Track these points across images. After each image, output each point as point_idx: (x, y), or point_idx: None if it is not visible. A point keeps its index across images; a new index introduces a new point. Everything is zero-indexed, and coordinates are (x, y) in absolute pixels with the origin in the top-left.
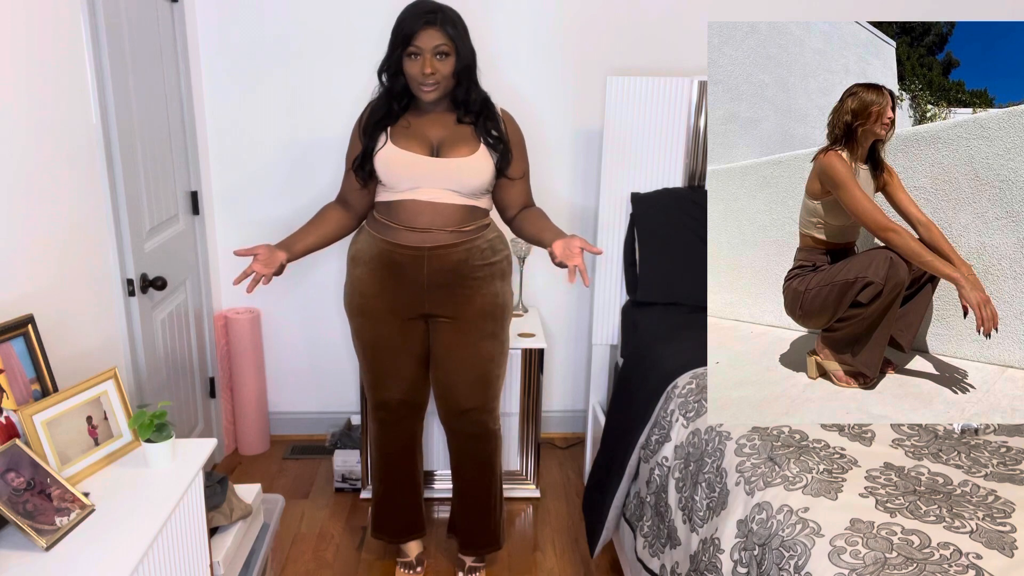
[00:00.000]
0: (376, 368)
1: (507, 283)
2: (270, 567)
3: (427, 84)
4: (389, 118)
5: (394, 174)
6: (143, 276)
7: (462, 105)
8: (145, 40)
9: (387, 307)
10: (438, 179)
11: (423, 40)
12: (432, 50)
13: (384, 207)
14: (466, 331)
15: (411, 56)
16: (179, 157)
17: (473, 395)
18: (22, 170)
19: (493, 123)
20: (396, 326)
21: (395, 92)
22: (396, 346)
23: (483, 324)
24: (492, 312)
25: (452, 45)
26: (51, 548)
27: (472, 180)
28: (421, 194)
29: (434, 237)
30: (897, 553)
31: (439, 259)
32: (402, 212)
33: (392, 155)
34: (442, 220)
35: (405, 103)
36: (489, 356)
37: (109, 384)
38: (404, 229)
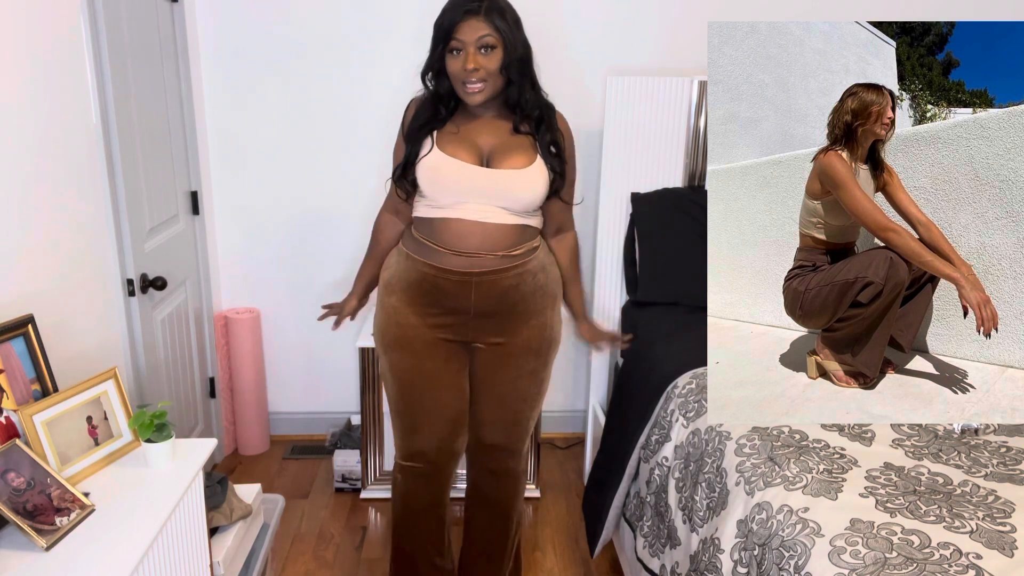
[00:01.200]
0: (414, 409)
1: (557, 311)
2: (270, 567)
3: (471, 82)
4: (435, 121)
5: (439, 184)
6: (143, 276)
7: (517, 109)
8: (145, 40)
9: (430, 337)
10: (487, 193)
11: (465, 32)
12: (475, 43)
13: (425, 225)
14: (506, 364)
15: (453, 52)
16: (179, 157)
17: (498, 433)
18: (22, 170)
19: (552, 135)
20: (440, 358)
21: (441, 95)
22: (439, 381)
23: (525, 359)
24: (538, 347)
25: (499, 37)
26: (51, 548)
27: (525, 195)
28: (468, 211)
29: (483, 262)
30: (897, 553)
31: (488, 286)
32: (447, 233)
33: (438, 162)
34: (491, 243)
35: (453, 107)
36: (525, 396)
37: (109, 384)
38: (449, 252)
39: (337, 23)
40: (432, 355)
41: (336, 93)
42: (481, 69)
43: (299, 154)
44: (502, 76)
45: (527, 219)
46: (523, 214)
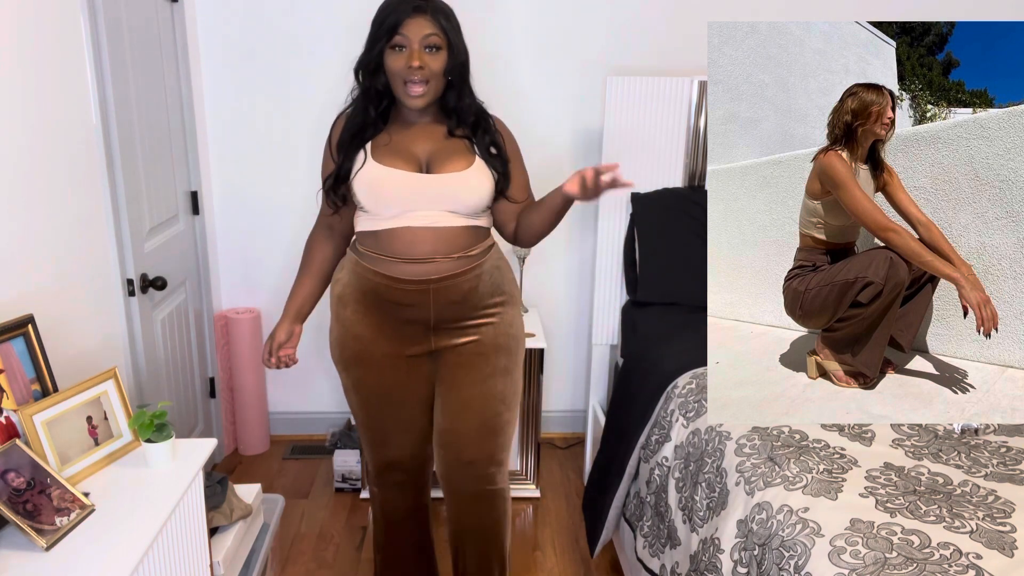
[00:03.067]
0: (382, 424)
1: (518, 309)
2: (270, 567)
3: (413, 81)
4: (366, 130)
5: (379, 197)
6: (143, 276)
7: (453, 114)
8: (145, 40)
9: (389, 350)
10: (433, 199)
11: (411, 29)
12: (421, 41)
13: (370, 238)
14: (475, 365)
15: (396, 49)
16: (179, 157)
17: (479, 443)
18: (22, 170)
19: (491, 136)
20: (402, 370)
21: (372, 93)
22: (403, 395)
23: (495, 358)
24: (507, 345)
25: (444, 38)
26: (51, 548)
27: (471, 197)
28: (416, 219)
29: (438, 267)
30: (897, 553)
31: (447, 292)
32: (396, 242)
33: (375, 175)
34: (445, 246)
35: (385, 107)
36: (500, 396)
37: (109, 384)
38: (401, 261)
39: (337, 23)
40: (394, 369)
41: (337, 93)
42: (425, 68)
43: (299, 154)
44: (444, 79)
45: (476, 220)
46: (472, 215)
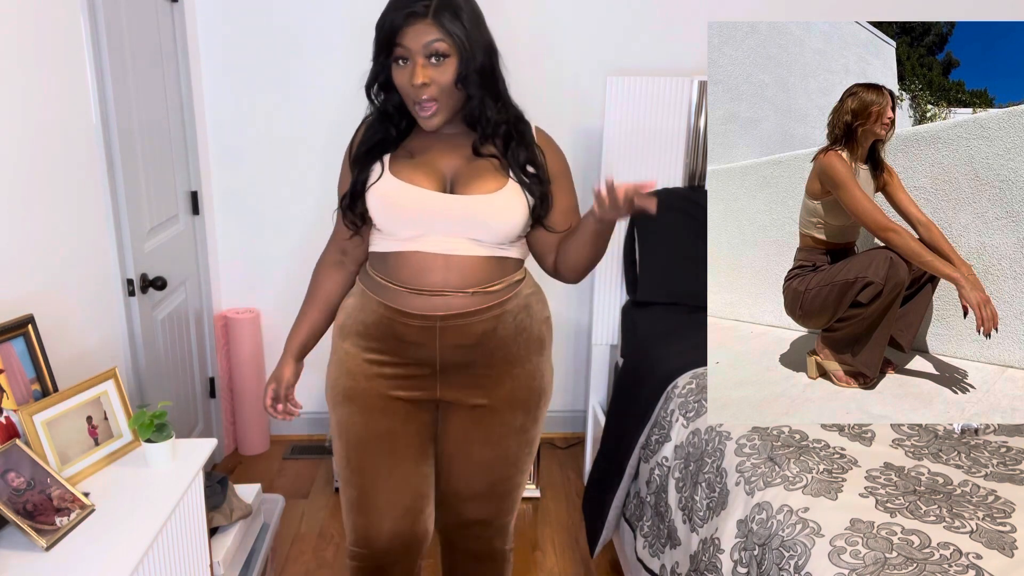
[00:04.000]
0: (364, 478)
1: (546, 356)
2: (270, 567)
3: (422, 101)
4: (385, 143)
5: (394, 214)
6: (143, 276)
7: (478, 126)
8: (145, 40)
9: (383, 394)
10: (453, 222)
11: (409, 38)
12: (423, 51)
13: (380, 260)
14: (488, 424)
15: (399, 62)
16: (179, 157)
17: (484, 506)
18: (22, 170)
19: (527, 152)
20: (398, 415)
21: (389, 112)
22: (395, 445)
23: (511, 416)
24: (526, 401)
25: (451, 43)
26: (51, 548)
27: (500, 225)
28: (429, 243)
29: (448, 302)
30: (897, 553)
31: (456, 332)
32: (404, 268)
33: (391, 189)
34: (459, 278)
35: (405, 125)
36: (513, 459)
37: (109, 384)
38: (407, 291)
39: (338, 23)
40: (388, 413)
41: (337, 93)
42: (432, 84)
43: (299, 153)
44: (459, 89)
45: (505, 250)
46: (499, 245)
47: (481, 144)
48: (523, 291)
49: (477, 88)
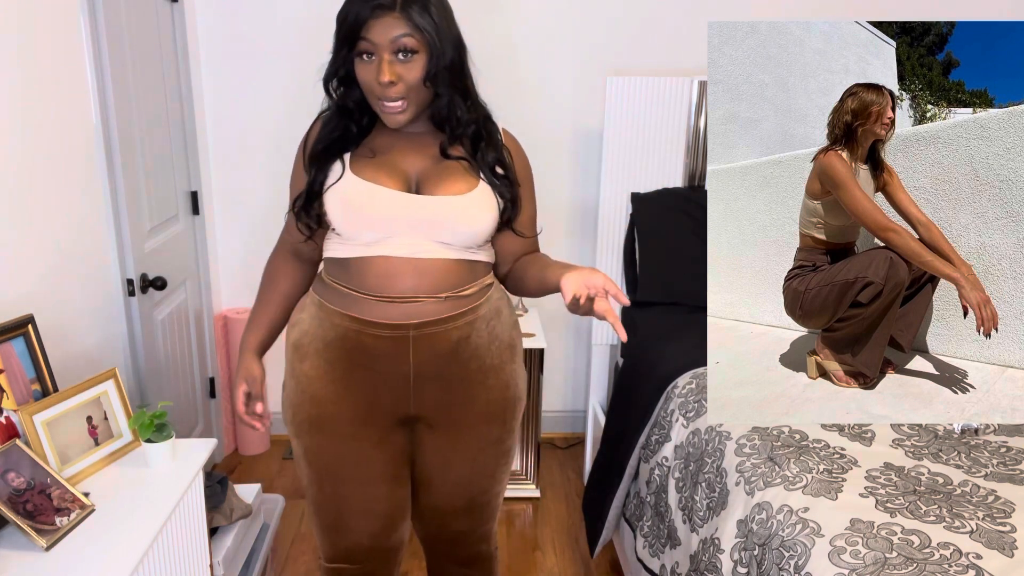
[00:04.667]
0: (338, 506)
1: (518, 362)
2: (270, 567)
3: (388, 99)
4: (346, 141)
5: (356, 216)
6: (143, 276)
7: (446, 126)
8: (145, 40)
9: (355, 416)
10: (421, 225)
11: (376, 32)
12: (390, 46)
13: (339, 268)
14: (463, 440)
15: (363, 57)
16: (179, 157)
17: (464, 519)
18: (22, 170)
19: (496, 153)
20: (369, 442)
21: (350, 109)
22: (369, 473)
23: (487, 429)
24: (502, 412)
25: (421, 38)
26: (51, 548)
27: (469, 228)
28: (396, 246)
29: (421, 309)
30: (897, 553)
31: (431, 341)
32: (369, 275)
33: (353, 189)
34: (431, 283)
35: (367, 122)
36: (491, 471)
37: (109, 384)
38: (375, 300)
39: None
40: (359, 439)
41: None
42: (399, 82)
43: None
44: (427, 87)
45: (475, 253)
46: (469, 248)
47: (449, 144)
48: (493, 295)
49: (446, 86)
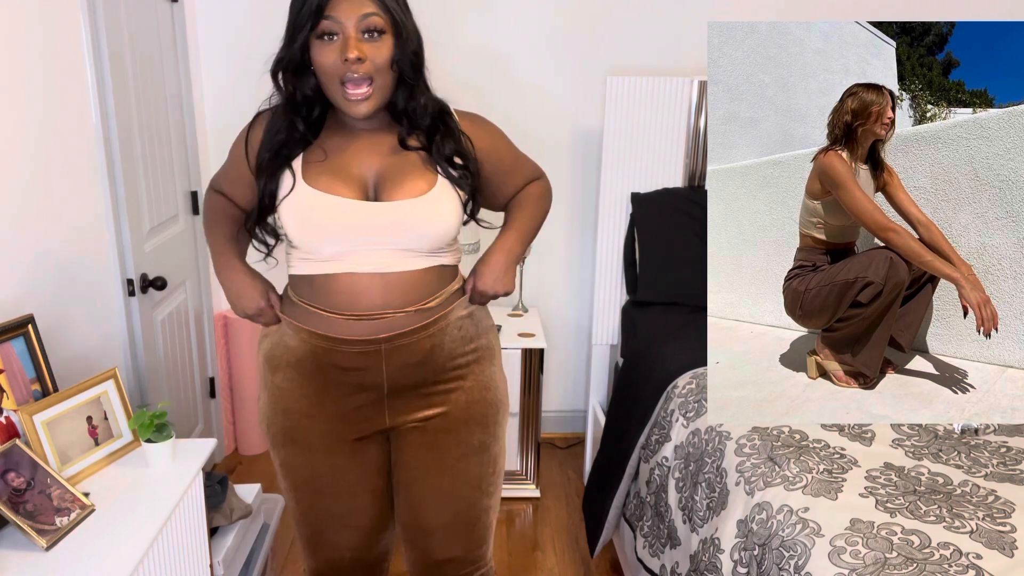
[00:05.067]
0: (318, 519)
1: (497, 364)
2: (270, 567)
3: (353, 80)
4: (292, 145)
5: (312, 232)
6: (143, 276)
7: (405, 117)
8: (145, 40)
9: (328, 429)
10: (383, 235)
11: (341, 9)
12: (357, 24)
13: (303, 285)
14: (443, 445)
15: (324, 38)
16: (179, 157)
17: (452, 541)
18: (22, 170)
19: (453, 143)
20: (344, 454)
21: (297, 102)
22: (346, 485)
23: (467, 434)
24: (482, 415)
25: (388, 18)
26: (51, 548)
27: (433, 229)
28: (360, 262)
29: (392, 323)
30: (897, 553)
31: (403, 352)
32: (336, 293)
33: (306, 201)
34: (400, 297)
35: (317, 117)
36: (475, 481)
37: (109, 384)
38: (343, 318)
39: None
40: (333, 452)
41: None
42: (367, 60)
43: None
44: (394, 71)
45: (440, 257)
46: (435, 251)
47: (408, 135)
48: (464, 300)
49: (412, 72)
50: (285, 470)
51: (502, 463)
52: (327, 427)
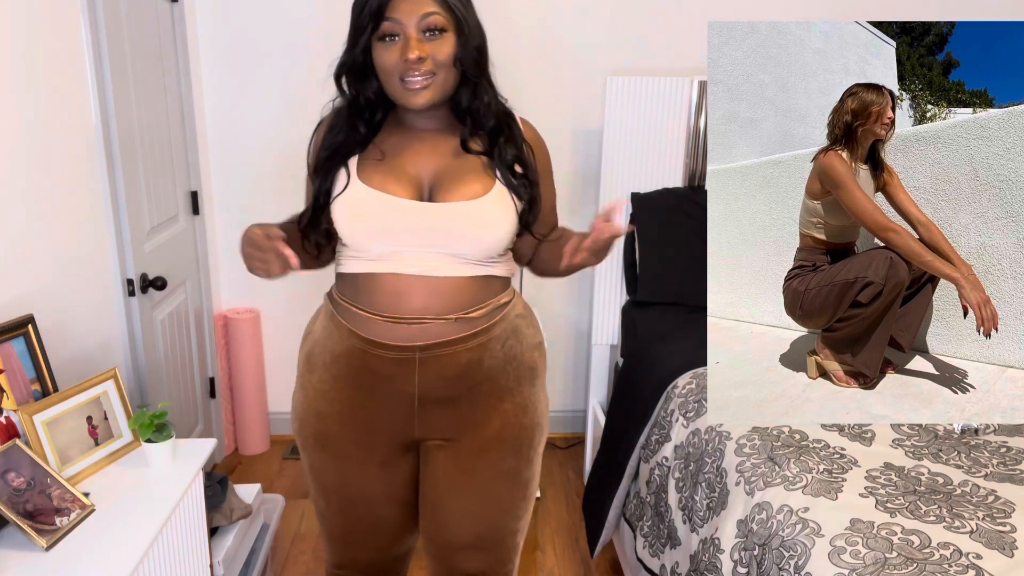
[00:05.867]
0: (342, 522)
1: (539, 385)
2: (270, 567)
3: (414, 77)
4: (352, 144)
5: (362, 228)
6: (143, 276)
7: (468, 118)
8: (145, 40)
9: (358, 437)
10: (433, 237)
11: (401, 10)
12: (418, 23)
13: (349, 285)
14: (473, 468)
15: (386, 40)
16: (179, 157)
17: (478, 558)
18: (22, 170)
19: (515, 149)
20: (372, 466)
21: (361, 105)
22: (373, 494)
23: (500, 456)
24: (516, 439)
25: (450, 16)
26: (51, 548)
27: (485, 236)
28: (406, 262)
29: (427, 330)
30: (897, 553)
31: (438, 364)
32: (378, 293)
33: (359, 198)
34: (440, 304)
35: (379, 119)
36: (505, 505)
37: (109, 384)
38: (381, 319)
39: (338, 22)
40: (362, 461)
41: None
42: (428, 59)
43: (299, 154)
44: (456, 68)
45: (490, 267)
46: (485, 261)
47: (470, 137)
48: (510, 314)
49: (475, 68)
50: (314, 473)
51: (534, 487)
52: (357, 435)
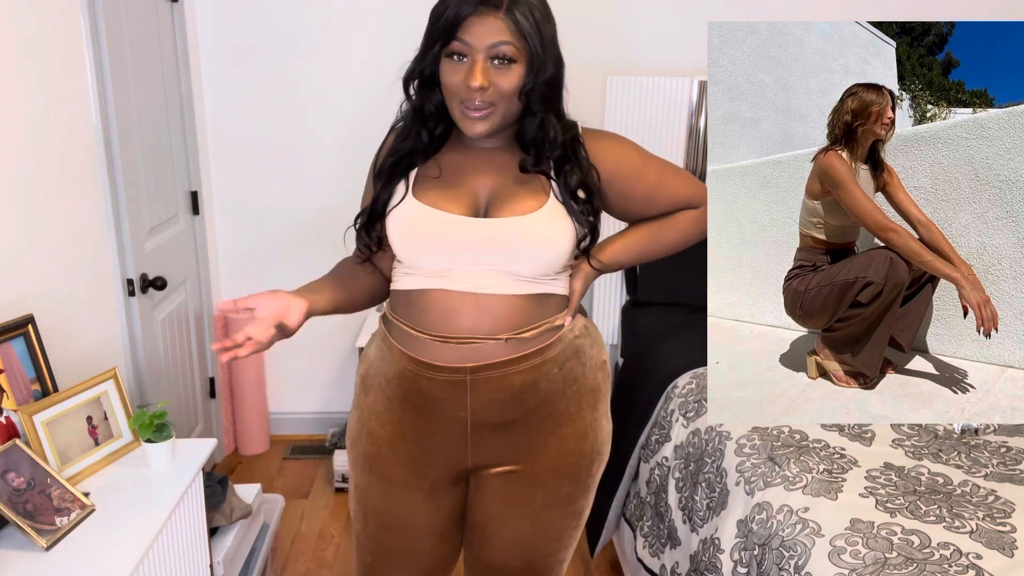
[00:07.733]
0: (380, 548)
1: (603, 410)
2: (270, 567)
3: (473, 106)
4: (415, 155)
5: (413, 245)
6: (143, 276)
7: (532, 147)
8: (145, 40)
9: (408, 462)
10: (484, 251)
11: (475, 32)
12: (488, 50)
13: (401, 302)
14: (527, 495)
15: (454, 58)
16: (179, 157)
17: None
18: (22, 170)
19: (580, 176)
20: (420, 493)
21: (426, 114)
22: (416, 523)
23: (555, 485)
24: (575, 466)
25: (522, 45)
26: (51, 548)
27: (540, 252)
28: (456, 279)
29: (478, 351)
30: (897, 553)
31: (489, 387)
32: (428, 311)
33: (412, 214)
34: (490, 321)
35: (441, 132)
36: (556, 533)
37: (109, 384)
38: (431, 339)
39: (338, 21)
40: (410, 487)
41: (337, 92)
42: (491, 88)
43: (299, 154)
44: (519, 102)
45: (547, 285)
46: (540, 279)
47: (534, 164)
48: (568, 335)
49: (541, 104)
50: (359, 494)
51: (587, 514)
52: (407, 460)
